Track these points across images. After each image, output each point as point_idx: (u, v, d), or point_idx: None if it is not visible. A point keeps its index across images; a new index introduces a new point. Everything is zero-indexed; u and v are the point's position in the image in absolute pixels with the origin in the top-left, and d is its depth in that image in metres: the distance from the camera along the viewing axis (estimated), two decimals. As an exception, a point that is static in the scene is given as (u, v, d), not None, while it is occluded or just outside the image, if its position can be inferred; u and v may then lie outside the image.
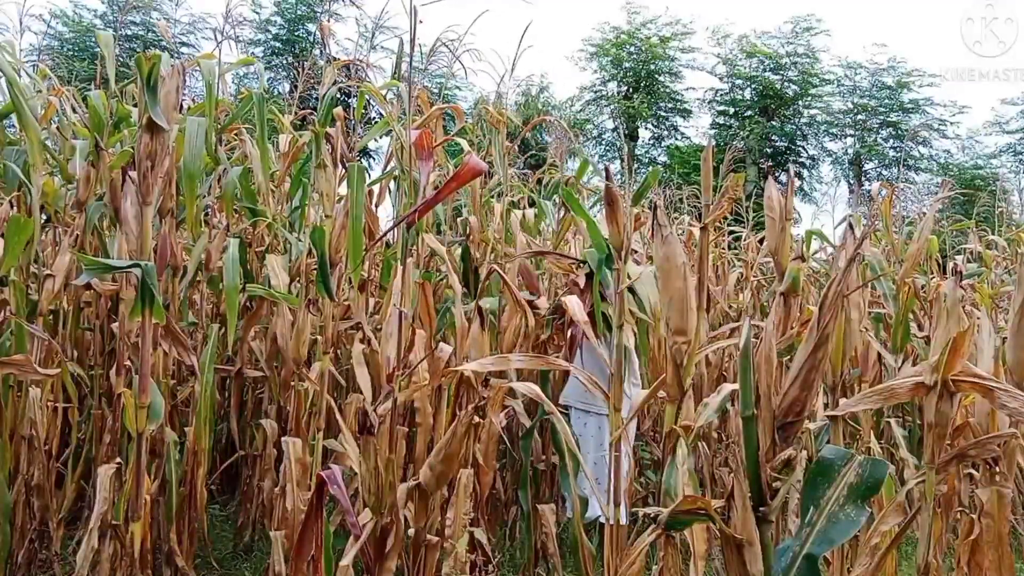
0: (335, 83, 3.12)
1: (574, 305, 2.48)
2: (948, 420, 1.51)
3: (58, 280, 3.01)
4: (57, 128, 3.69)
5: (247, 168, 3.60)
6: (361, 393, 2.43)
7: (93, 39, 18.68)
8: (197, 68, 3.19)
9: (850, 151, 24.98)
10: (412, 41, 2.28)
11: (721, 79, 25.07)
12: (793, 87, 24.32)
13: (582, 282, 3.35)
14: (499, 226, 3.61)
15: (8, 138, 3.32)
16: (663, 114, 25.29)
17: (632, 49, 24.54)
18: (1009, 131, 23.27)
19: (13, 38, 3.54)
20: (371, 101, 3.46)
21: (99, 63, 3.36)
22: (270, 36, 22.96)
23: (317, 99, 3.13)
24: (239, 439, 3.86)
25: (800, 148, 24.84)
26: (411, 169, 2.44)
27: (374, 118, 3.96)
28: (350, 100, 3.56)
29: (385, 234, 3.10)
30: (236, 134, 4.24)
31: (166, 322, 2.59)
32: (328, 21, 3.83)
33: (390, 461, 2.19)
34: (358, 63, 3.63)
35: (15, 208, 3.10)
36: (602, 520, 2.59)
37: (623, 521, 2.05)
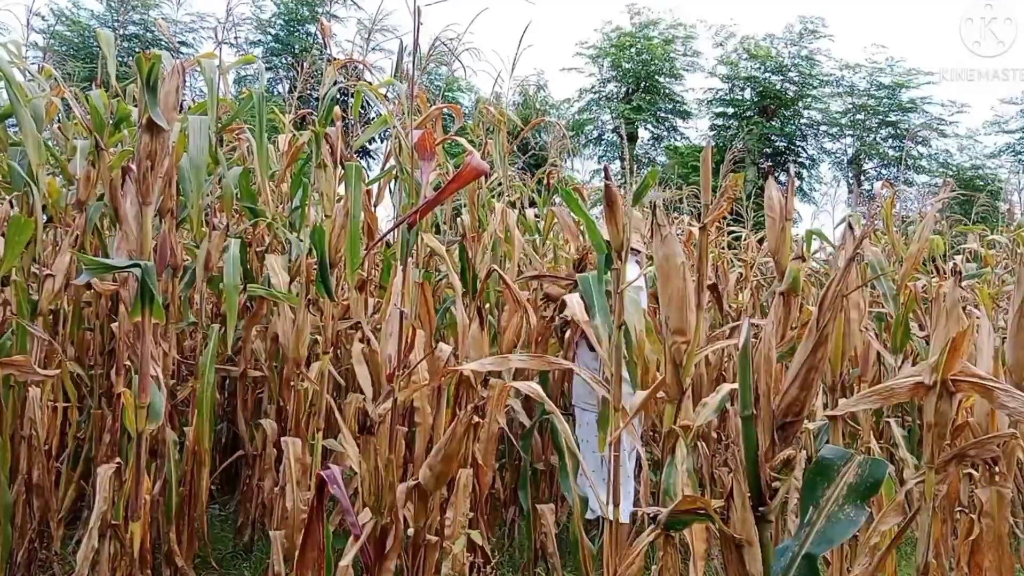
0: (335, 83, 3.12)
1: (575, 305, 2.48)
2: (948, 420, 1.51)
3: (58, 280, 3.01)
4: (59, 128, 3.69)
5: (247, 168, 3.60)
6: (361, 393, 2.43)
7: (91, 39, 18.66)
8: (197, 68, 3.19)
9: (849, 151, 24.97)
10: (415, 40, 2.28)
11: (722, 79, 25.06)
12: (793, 88, 24.31)
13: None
14: (500, 225, 3.61)
15: (11, 139, 3.32)
16: (663, 115, 25.29)
17: (633, 51, 24.52)
18: (1009, 131, 23.26)
19: (19, 39, 3.53)
20: (370, 101, 3.46)
21: (99, 62, 3.36)
22: (270, 37, 22.96)
23: (316, 99, 3.13)
24: (243, 439, 3.86)
25: (799, 148, 24.84)
26: (411, 169, 2.44)
27: (374, 118, 3.94)
28: (349, 100, 3.56)
29: (386, 235, 3.10)
30: (236, 135, 4.24)
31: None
32: (328, 22, 3.81)
33: (390, 461, 2.19)
34: (358, 63, 3.63)
35: (16, 208, 3.10)
36: (599, 515, 2.59)
37: (623, 520, 2.05)
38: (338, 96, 3.14)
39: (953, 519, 2.35)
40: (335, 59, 3.36)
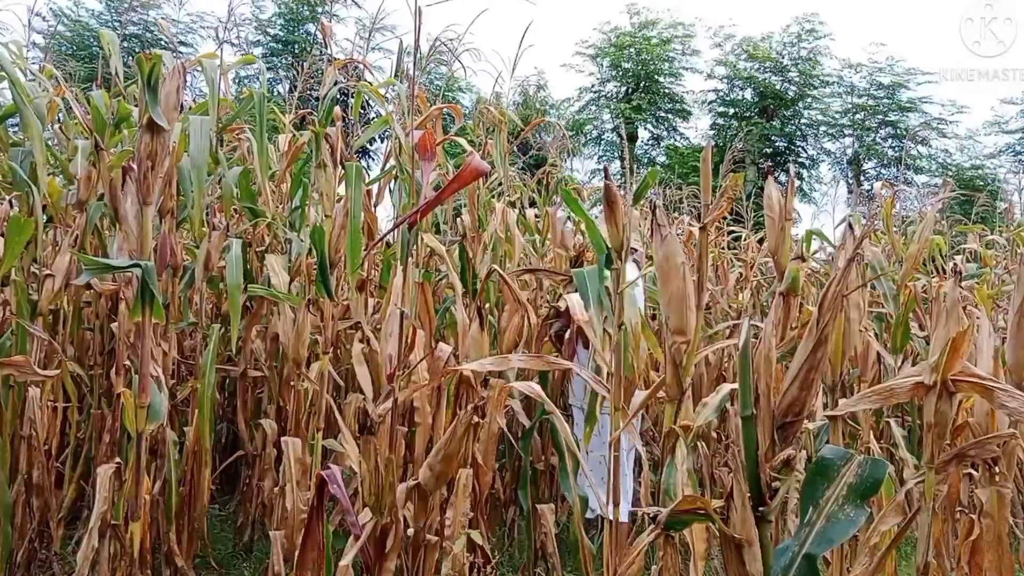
0: (335, 83, 3.12)
1: (575, 303, 2.48)
2: (948, 420, 1.51)
3: (58, 280, 3.01)
4: (60, 128, 3.69)
5: (247, 168, 3.60)
6: (361, 393, 2.43)
7: (91, 38, 18.65)
8: (198, 68, 3.19)
9: (848, 151, 24.96)
10: (416, 40, 2.28)
11: (721, 80, 25.05)
12: (793, 88, 24.30)
13: (563, 304, 3.33)
14: (500, 225, 3.62)
15: (11, 139, 3.32)
16: (663, 115, 25.28)
17: (632, 51, 24.50)
18: (1009, 131, 23.24)
19: (21, 39, 3.54)
20: (370, 101, 3.46)
21: (100, 62, 3.36)
22: (270, 37, 22.94)
23: (317, 99, 3.14)
24: (243, 439, 3.86)
25: (799, 148, 24.83)
26: (411, 169, 2.44)
27: (373, 118, 3.95)
28: (349, 100, 3.56)
29: (386, 235, 3.10)
30: (237, 135, 4.24)
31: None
32: (328, 22, 3.82)
33: (390, 461, 2.19)
34: (358, 63, 3.63)
35: (16, 208, 3.10)
36: (599, 513, 2.59)
37: (623, 519, 2.05)
38: (338, 96, 3.14)
39: (953, 519, 2.35)
40: (335, 59, 3.36)
